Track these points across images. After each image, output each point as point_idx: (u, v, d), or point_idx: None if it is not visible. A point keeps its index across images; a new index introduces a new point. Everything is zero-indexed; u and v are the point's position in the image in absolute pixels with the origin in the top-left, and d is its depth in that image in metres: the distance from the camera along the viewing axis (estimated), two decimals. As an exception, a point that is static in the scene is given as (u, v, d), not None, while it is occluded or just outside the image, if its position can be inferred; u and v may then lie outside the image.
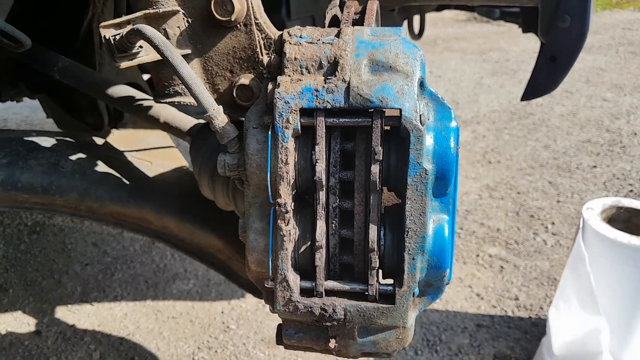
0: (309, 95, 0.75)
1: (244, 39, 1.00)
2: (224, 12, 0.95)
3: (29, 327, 2.30)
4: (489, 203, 3.27)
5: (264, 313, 2.37)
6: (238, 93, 1.03)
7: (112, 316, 2.35)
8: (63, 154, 1.33)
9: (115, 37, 0.94)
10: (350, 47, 0.75)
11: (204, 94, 0.87)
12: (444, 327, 2.28)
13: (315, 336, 0.88)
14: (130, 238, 2.84)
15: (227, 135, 0.88)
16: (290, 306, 0.83)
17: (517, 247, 2.82)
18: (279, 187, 0.79)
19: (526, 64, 6.00)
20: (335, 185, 0.81)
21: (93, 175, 1.31)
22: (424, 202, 0.73)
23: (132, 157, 1.41)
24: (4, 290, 2.50)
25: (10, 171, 1.28)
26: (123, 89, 1.35)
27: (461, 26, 8.27)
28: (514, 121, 4.56)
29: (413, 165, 0.72)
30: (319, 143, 0.76)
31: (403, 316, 0.80)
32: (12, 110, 4.59)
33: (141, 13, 0.96)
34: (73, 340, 2.22)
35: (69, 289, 2.50)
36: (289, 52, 0.78)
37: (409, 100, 0.71)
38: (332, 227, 0.83)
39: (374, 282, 0.79)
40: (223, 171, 0.90)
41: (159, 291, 2.50)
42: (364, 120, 0.74)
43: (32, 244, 2.83)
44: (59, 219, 2.99)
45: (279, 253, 0.82)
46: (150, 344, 2.20)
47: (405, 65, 0.73)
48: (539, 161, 3.82)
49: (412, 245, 0.75)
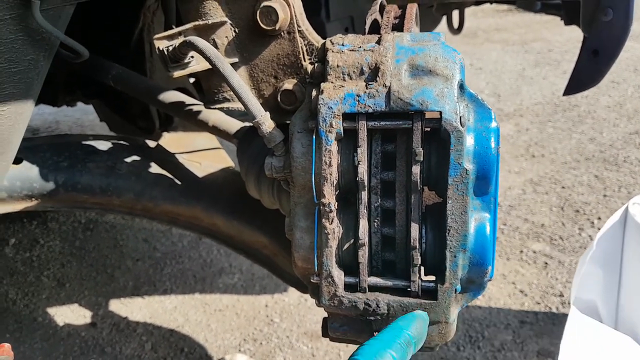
0: (351, 101, 0.79)
1: (287, 46, 1.04)
2: (269, 22, 1.00)
3: (85, 319, 2.44)
4: (533, 198, 3.22)
5: (306, 307, 2.43)
6: (282, 98, 1.08)
7: (163, 309, 2.46)
8: (119, 157, 1.42)
9: (168, 48, 1.00)
10: (390, 53, 0.78)
11: (252, 101, 0.92)
12: (486, 323, 2.28)
13: (359, 329, 0.92)
14: (179, 234, 2.95)
15: (273, 140, 0.93)
16: (335, 300, 0.87)
17: (562, 243, 2.77)
18: (323, 187, 0.83)
19: (570, 55, 5.82)
20: (377, 185, 0.84)
21: (147, 177, 1.39)
22: (465, 201, 0.76)
23: (183, 158, 1.48)
24: (61, 285, 2.65)
25: (70, 174, 1.38)
26: (174, 95, 1.42)
27: (502, 16, 8.08)
28: (558, 113, 4.45)
29: (454, 165, 0.74)
30: (361, 145, 0.80)
31: (445, 312, 0.82)
32: (64, 113, 4.80)
33: (191, 25, 1.03)
34: (126, 332, 2.34)
35: (121, 283, 2.63)
36: (332, 60, 0.82)
37: (448, 103, 0.74)
38: (375, 226, 0.86)
39: (416, 278, 0.82)
40: (270, 173, 0.95)
41: (206, 285, 2.60)
42: (404, 123, 0.77)
43: (86, 241, 2.98)
44: (111, 217, 3.14)
45: (323, 250, 0.86)
46: (199, 336, 2.30)
47: (444, 68, 0.76)
48: (585, 154, 3.72)
49: (454, 243, 0.78)
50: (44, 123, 4.63)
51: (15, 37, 0.95)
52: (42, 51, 1.01)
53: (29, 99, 1.05)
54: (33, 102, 1.08)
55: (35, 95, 1.07)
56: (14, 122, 1.06)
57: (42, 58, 1.02)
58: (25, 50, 0.97)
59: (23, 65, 0.99)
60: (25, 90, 1.03)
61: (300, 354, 2.18)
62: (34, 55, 0.99)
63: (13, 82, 0.99)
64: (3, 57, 0.95)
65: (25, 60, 0.99)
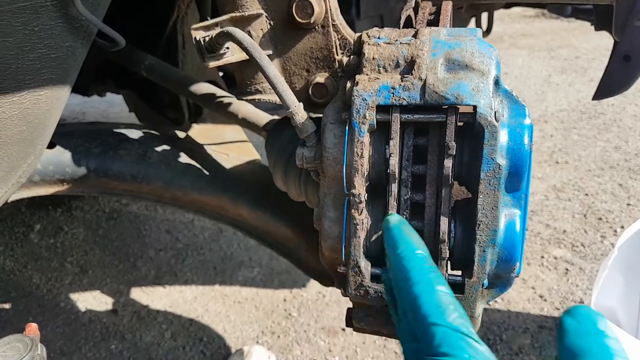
0: (386, 93, 0.80)
1: (321, 39, 1.06)
2: (305, 15, 1.01)
3: (106, 306, 2.49)
4: (556, 204, 3.18)
5: (323, 303, 2.44)
6: (313, 91, 1.09)
7: (183, 299, 2.49)
8: (149, 146, 1.45)
9: (205, 38, 1.03)
10: (427, 47, 0.79)
11: (287, 92, 0.93)
12: (505, 327, 2.26)
13: (383, 320, 0.93)
14: (201, 227, 2.99)
15: (306, 130, 0.94)
16: (361, 290, 0.88)
17: (584, 250, 2.74)
18: (353, 178, 0.84)
19: (597, 62, 5.74)
20: (407, 178, 0.85)
21: (177, 166, 1.42)
22: (497, 196, 0.76)
23: (211, 149, 1.51)
24: (84, 272, 2.71)
25: (102, 160, 1.41)
26: (205, 87, 1.45)
27: (529, 22, 8.00)
28: (583, 121, 4.39)
29: (487, 160, 0.74)
30: (394, 138, 0.80)
31: (471, 306, 0.83)
32: (90, 105, 4.89)
33: (228, 16, 1.05)
34: (147, 320, 2.38)
35: (143, 272, 2.68)
36: (368, 53, 0.83)
37: (484, 98, 0.74)
38: (403, 218, 0.87)
39: (444, 271, 0.83)
40: (301, 163, 0.96)
41: (226, 277, 2.63)
42: (438, 117, 0.78)
43: (109, 230, 3.04)
44: (134, 207, 3.19)
45: (351, 240, 0.86)
46: (218, 326, 2.33)
47: (480, 64, 0.76)
48: (609, 163, 3.66)
49: (483, 238, 0.78)
50: (71, 113, 4.73)
51: (55, 24, 0.96)
52: (80, 39, 1.02)
53: (66, 85, 1.07)
54: (69, 88, 1.09)
55: (72, 82, 1.08)
56: (50, 106, 1.08)
57: (79, 45, 1.03)
58: (64, 37, 0.99)
59: (61, 52, 1.00)
60: (62, 76, 1.04)
61: (317, 348, 2.20)
62: (72, 42, 1.01)
63: (51, 67, 1.01)
64: (42, 43, 0.97)
65: (63, 47, 1.00)
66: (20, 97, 1.00)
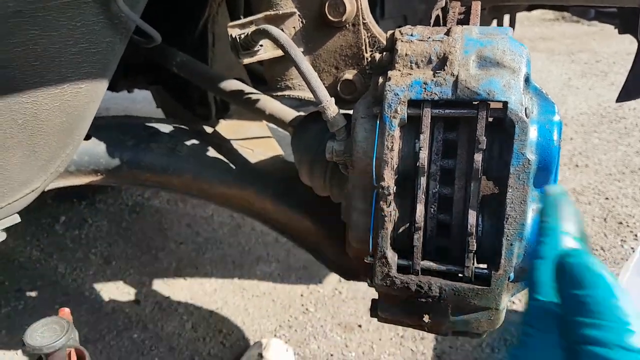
0: (418, 88, 0.82)
1: (351, 38, 1.08)
2: (337, 14, 1.04)
3: (129, 296, 2.54)
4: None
5: (340, 300, 2.47)
6: (342, 87, 1.12)
7: (203, 291, 2.54)
8: (179, 139, 1.49)
9: (240, 36, 1.06)
10: (459, 44, 0.82)
11: (319, 87, 0.96)
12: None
13: (408, 311, 0.95)
14: (220, 222, 3.04)
15: (336, 124, 0.97)
16: (388, 281, 0.90)
17: (603, 254, 2.72)
18: (383, 171, 0.86)
19: (618, 66, 5.67)
20: (436, 172, 0.87)
21: (205, 160, 1.46)
22: (525, 191, 0.78)
23: (237, 145, 1.55)
24: (108, 263, 2.77)
25: (135, 152, 1.46)
26: (234, 84, 1.49)
27: (548, 26, 7.93)
28: (603, 124, 4.35)
29: (516, 155, 0.77)
30: (424, 132, 0.83)
31: (497, 298, 0.85)
32: (114, 101, 4.97)
33: (262, 14, 1.08)
34: (168, 311, 2.43)
35: (165, 264, 2.73)
36: (401, 49, 0.86)
37: (515, 94, 0.76)
38: (431, 211, 0.89)
39: (470, 264, 0.85)
40: (330, 156, 0.99)
41: (245, 271, 2.67)
42: (469, 112, 0.80)
43: (132, 222, 3.10)
44: (156, 201, 3.25)
45: (379, 232, 0.89)
46: (237, 319, 2.37)
47: (511, 61, 0.78)
48: (630, 167, 3.63)
49: (511, 232, 0.80)
50: (94, 109, 4.80)
51: (96, 20, 1.00)
52: (119, 34, 1.05)
53: (104, 79, 1.11)
54: (107, 83, 1.13)
55: (110, 76, 1.12)
56: (89, 99, 1.12)
57: (118, 41, 1.06)
58: (105, 32, 1.02)
59: (101, 47, 1.04)
60: (101, 71, 1.08)
61: (334, 343, 2.22)
62: (111, 37, 1.04)
63: (91, 62, 1.05)
64: (84, 38, 1.01)
65: (103, 42, 1.03)
66: (61, 90, 1.04)
